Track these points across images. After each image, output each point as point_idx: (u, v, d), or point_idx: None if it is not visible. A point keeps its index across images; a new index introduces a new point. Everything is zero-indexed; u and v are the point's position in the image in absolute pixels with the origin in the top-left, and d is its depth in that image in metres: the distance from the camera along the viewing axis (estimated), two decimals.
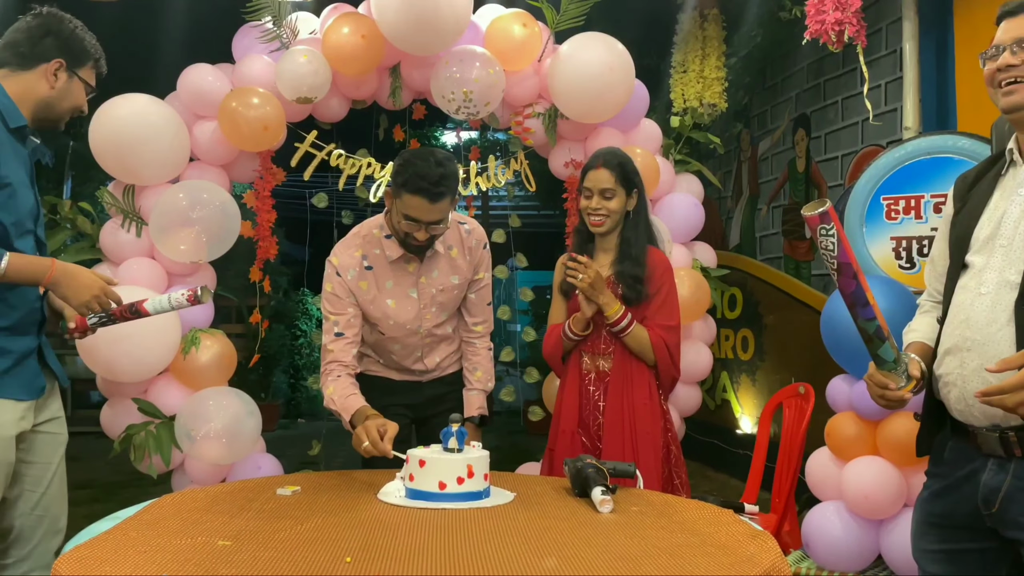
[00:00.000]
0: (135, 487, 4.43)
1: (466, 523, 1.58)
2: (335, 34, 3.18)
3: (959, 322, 1.60)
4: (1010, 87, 1.57)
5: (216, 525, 1.52)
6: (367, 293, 2.31)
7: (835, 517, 2.76)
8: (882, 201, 3.01)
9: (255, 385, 7.65)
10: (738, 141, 5.54)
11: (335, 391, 2.22)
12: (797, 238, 4.77)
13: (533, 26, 3.33)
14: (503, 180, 3.67)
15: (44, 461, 2.09)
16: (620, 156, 2.43)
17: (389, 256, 2.31)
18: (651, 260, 2.41)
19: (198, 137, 3.25)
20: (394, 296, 2.34)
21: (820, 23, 3.02)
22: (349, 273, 2.30)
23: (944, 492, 1.67)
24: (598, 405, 2.40)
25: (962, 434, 1.62)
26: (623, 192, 2.40)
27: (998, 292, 1.53)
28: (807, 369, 4.01)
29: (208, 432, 3.02)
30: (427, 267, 2.35)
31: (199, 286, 2.01)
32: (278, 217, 3.49)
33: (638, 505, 1.76)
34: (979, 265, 1.59)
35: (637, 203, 2.43)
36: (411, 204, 2.15)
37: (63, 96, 2.07)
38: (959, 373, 1.58)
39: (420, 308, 2.36)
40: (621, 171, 2.39)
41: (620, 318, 2.34)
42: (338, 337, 2.29)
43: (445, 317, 2.42)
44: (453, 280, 2.38)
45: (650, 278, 2.38)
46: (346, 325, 2.29)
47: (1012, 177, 1.61)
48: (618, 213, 2.40)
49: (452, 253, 2.38)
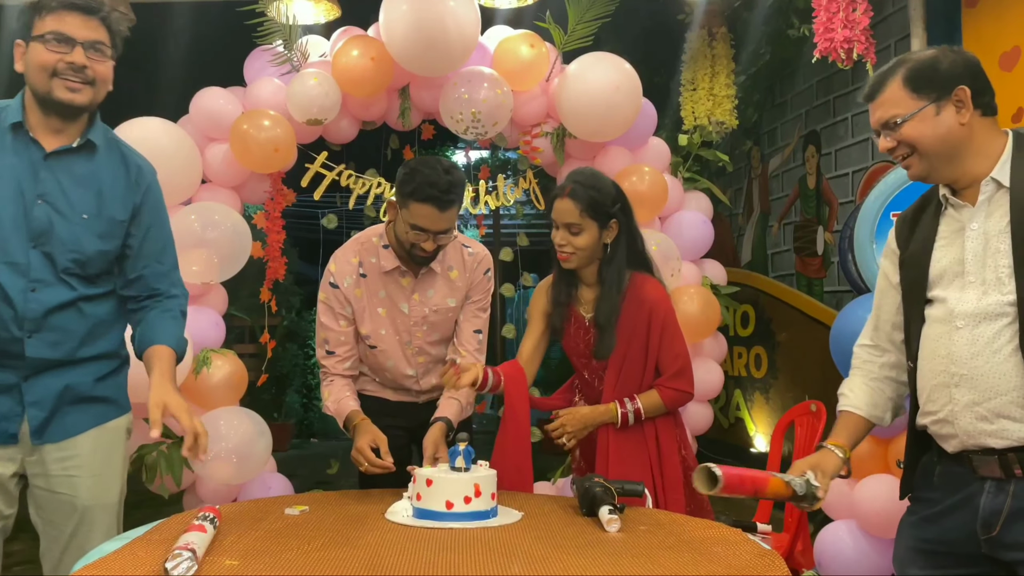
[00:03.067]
0: (147, 507, 4.43)
1: (473, 542, 1.58)
2: (345, 57, 3.21)
3: (940, 358, 1.57)
4: (906, 162, 1.59)
5: (224, 545, 1.53)
6: (359, 301, 2.27)
7: (848, 536, 2.74)
8: (892, 218, 2.99)
9: (267, 405, 7.67)
10: (748, 158, 5.54)
11: (330, 395, 2.26)
12: (809, 255, 4.75)
13: (541, 47, 3.36)
14: (512, 199, 3.68)
15: (56, 520, 1.87)
16: (592, 183, 2.16)
17: (383, 266, 2.24)
18: (639, 294, 2.19)
19: (210, 159, 3.29)
20: (385, 306, 2.28)
21: (829, 41, 3.03)
22: (345, 281, 2.25)
23: (935, 518, 1.63)
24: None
25: (954, 459, 1.59)
26: (594, 225, 2.14)
27: (976, 326, 1.52)
28: (821, 386, 3.98)
29: (219, 452, 3.03)
30: (422, 285, 2.27)
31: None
32: (291, 237, 3.52)
33: (646, 524, 1.75)
34: (951, 300, 1.56)
35: (618, 233, 2.19)
36: (419, 213, 2.08)
37: (29, 70, 1.79)
38: (950, 410, 1.56)
39: (411, 325, 2.28)
40: (589, 202, 2.12)
41: (623, 420, 2.17)
42: (329, 355, 2.28)
43: (437, 337, 2.33)
44: (450, 303, 2.29)
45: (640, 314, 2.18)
46: (336, 343, 2.27)
47: (953, 217, 1.59)
48: (587, 249, 2.16)
49: (452, 275, 2.29)
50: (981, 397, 1.51)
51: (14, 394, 1.79)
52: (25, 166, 1.79)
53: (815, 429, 2.87)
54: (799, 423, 3.00)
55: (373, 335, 2.28)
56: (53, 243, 1.79)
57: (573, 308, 2.27)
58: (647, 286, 2.20)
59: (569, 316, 2.28)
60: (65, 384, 1.85)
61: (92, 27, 1.79)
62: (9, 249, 1.76)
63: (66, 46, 1.76)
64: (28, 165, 1.80)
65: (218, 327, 3.31)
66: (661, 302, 2.20)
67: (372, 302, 2.27)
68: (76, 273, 1.84)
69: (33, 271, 1.78)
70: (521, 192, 3.71)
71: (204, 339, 3.23)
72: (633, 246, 2.23)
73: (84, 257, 1.84)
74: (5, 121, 1.80)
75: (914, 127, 1.55)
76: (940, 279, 1.60)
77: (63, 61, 1.76)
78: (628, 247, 2.22)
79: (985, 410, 1.51)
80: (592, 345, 2.23)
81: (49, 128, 1.83)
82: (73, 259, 1.82)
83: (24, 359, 1.78)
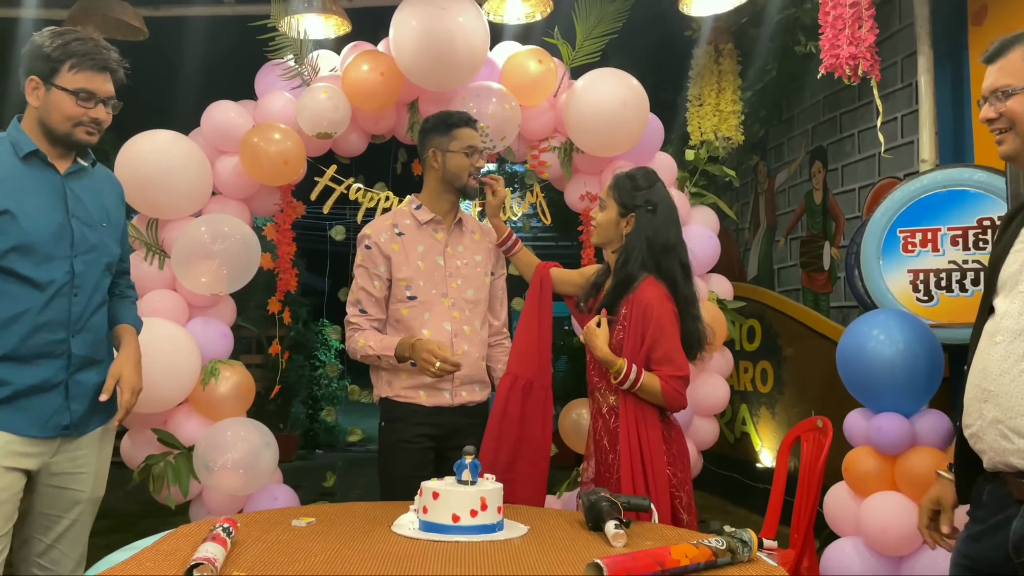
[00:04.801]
0: (153, 517, 4.44)
1: (479, 556, 1.58)
2: (355, 71, 3.24)
3: (978, 371, 1.55)
4: (1000, 136, 1.55)
5: (231, 556, 1.53)
6: (399, 254, 2.49)
7: (853, 553, 2.73)
8: (899, 234, 3.01)
9: (273, 416, 7.67)
10: (755, 173, 5.55)
11: (366, 341, 2.46)
12: (815, 270, 4.75)
13: (549, 62, 3.38)
14: (519, 212, 3.70)
15: (54, 513, 2.04)
16: (633, 173, 2.37)
17: (420, 219, 2.53)
18: (640, 294, 2.26)
19: (220, 172, 3.32)
20: (424, 260, 2.51)
21: (835, 57, 3.04)
22: (382, 236, 2.50)
23: (980, 536, 1.60)
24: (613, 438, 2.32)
25: (997, 479, 1.57)
26: (615, 207, 2.34)
27: (1012, 342, 1.48)
28: (826, 402, 3.98)
29: (225, 463, 3.04)
30: (453, 239, 2.56)
31: None
32: (299, 248, 3.54)
33: (652, 539, 1.75)
34: (1000, 311, 1.54)
35: (633, 228, 2.32)
36: (466, 136, 2.50)
37: (47, 110, 2.00)
38: (980, 425, 1.53)
39: (446, 275, 2.51)
40: (617, 184, 2.35)
41: (624, 376, 2.23)
42: (361, 313, 2.52)
43: (471, 293, 2.54)
44: (477, 258, 2.59)
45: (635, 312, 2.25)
46: (368, 303, 2.51)
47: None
48: (605, 227, 2.35)
49: (475, 236, 2.62)
50: (1004, 415, 1.48)
51: (60, 390, 2.01)
52: (51, 187, 2.04)
53: (821, 445, 2.87)
54: (805, 439, 3.00)
55: (412, 283, 2.49)
56: (88, 252, 2.06)
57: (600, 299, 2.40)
58: (650, 289, 2.27)
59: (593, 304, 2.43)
60: (95, 382, 2.08)
61: (109, 83, 2.06)
62: (56, 260, 2.00)
63: (91, 102, 2.03)
64: (52, 185, 2.04)
65: (226, 338, 3.33)
66: (652, 303, 2.25)
67: (411, 256, 2.51)
68: (105, 277, 2.13)
69: (76, 278, 2.04)
70: (528, 206, 3.73)
71: (212, 350, 3.24)
72: (653, 250, 2.30)
73: (111, 260, 2.15)
74: (20, 150, 2.01)
75: (1021, 102, 1.50)
76: (1003, 286, 1.55)
77: (87, 115, 2.02)
78: (647, 249, 2.30)
79: (1007, 428, 1.48)
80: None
81: (55, 154, 2.07)
82: (105, 264, 2.12)
83: (71, 356, 2.02)
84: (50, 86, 2.00)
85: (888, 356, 2.67)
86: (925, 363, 2.68)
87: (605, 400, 2.35)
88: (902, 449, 2.68)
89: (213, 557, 1.40)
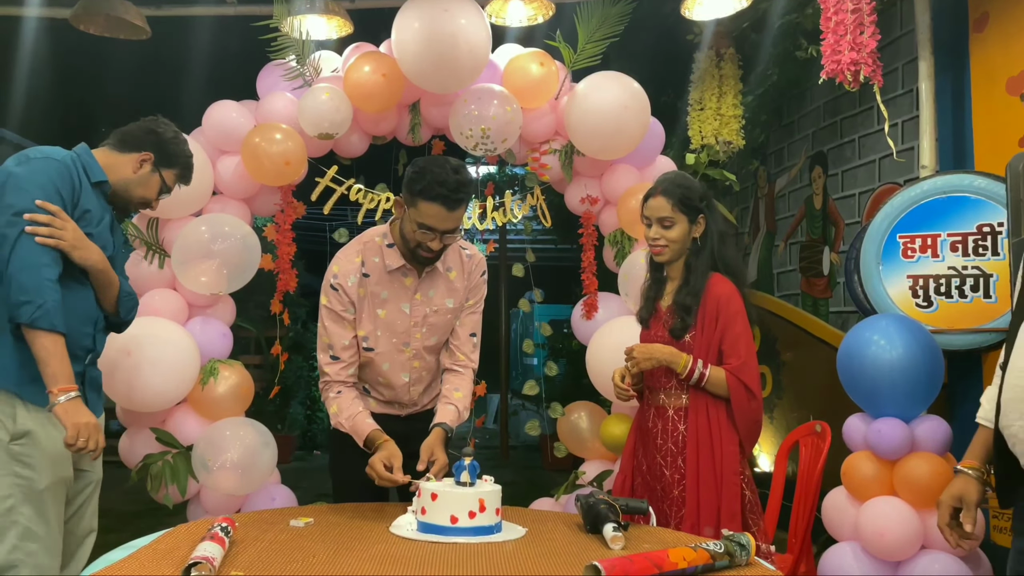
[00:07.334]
0: (151, 517, 4.44)
1: (477, 558, 1.58)
2: (356, 72, 3.25)
3: (1017, 370, 1.51)
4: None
5: (229, 555, 1.53)
6: (362, 300, 2.26)
7: (851, 558, 2.73)
8: (898, 239, 3.01)
9: (272, 416, 7.67)
10: (755, 178, 5.56)
11: (340, 409, 2.23)
12: (814, 275, 4.75)
13: (550, 65, 3.39)
14: (519, 215, 3.70)
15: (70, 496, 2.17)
16: (681, 181, 2.36)
17: (388, 265, 2.25)
18: (712, 289, 2.29)
19: (221, 171, 3.32)
20: (386, 308, 2.27)
21: (836, 63, 3.04)
22: (349, 280, 2.24)
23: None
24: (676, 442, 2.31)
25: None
26: (684, 219, 2.32)
27: None
28: (825, 406, 3.98)
29: (224, 463, 3.04)
30: (424, 285, 2.28)
31: None
32: (298, 249, 3.54)
33: (650, 542, 1.75)
34: None
35: (705, 228, 2.34)
36: (427, 212, 2.09)
37: (141, 183, 2.27)
38: (1020, 426, 1.49)
39: (410, 325, 2.29)
40: (680, 197, 2.31)
41: (689, 373, 2.24)
42: (333, 361, 2.26)
43: (434, 341, 2.34)
44: (448, 303, 2.32)
45: (708, 308, 2.28)
46: (341, 348, 2.25)
47: None
48: (679, 242, 2.32)
49: (451, 275, 2.32)
50: None
51: (77, 379, 2.08)
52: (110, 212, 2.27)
53: (820, 450, 2.87)
54: (804, 443, 3.00)
55: (371, 337, 2.28)
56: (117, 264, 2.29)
57: (658, 304, 2.41)
58: (720, 284, 2.31)
59: (655, 311, 2.41)
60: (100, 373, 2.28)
61: None
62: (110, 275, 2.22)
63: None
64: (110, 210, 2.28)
65: (225, 338, 3.33)
66: (728, 297, 2.28)
67: (373, 303, 2.27)
68: None
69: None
70: (528, 208, 3.73)
71: (211, 350, 3.24)
72: (723, 240, 2.36)
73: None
74: (92, 176, 2.18)
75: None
76: None
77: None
78: (719, 240, 2.35)
79: None
80: (669, 328, 2.32)
81: None
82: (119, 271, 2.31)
83: (94, 351, 2.21)
84: (157, 170, 2.31)
85: (889, 361, 2.68)
86: (926, 368, 2.68)
87: (672, 402, 2.32)
88: (901, 454, 2.68)
89: (211, 556, 1.40)
